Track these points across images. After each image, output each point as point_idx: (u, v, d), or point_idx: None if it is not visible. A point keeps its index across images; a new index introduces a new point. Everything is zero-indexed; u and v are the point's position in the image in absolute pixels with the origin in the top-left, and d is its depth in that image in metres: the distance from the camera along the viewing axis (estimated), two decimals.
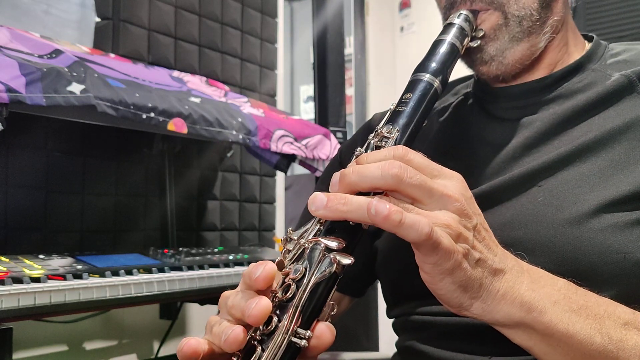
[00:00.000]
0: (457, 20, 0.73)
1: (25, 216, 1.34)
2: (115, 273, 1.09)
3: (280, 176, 2.13)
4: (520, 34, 0.74)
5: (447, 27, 0.73)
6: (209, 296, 1.26)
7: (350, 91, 3.12)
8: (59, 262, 1.09)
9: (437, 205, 0.51)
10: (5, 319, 0.92)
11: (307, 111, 3.76)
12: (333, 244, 0.51)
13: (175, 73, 1.58)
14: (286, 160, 1.56)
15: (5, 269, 0.96)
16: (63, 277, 1.01)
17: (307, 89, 3.73)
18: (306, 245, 0.52)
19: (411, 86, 0.65)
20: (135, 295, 1.10)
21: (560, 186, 0.69)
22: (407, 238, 0.49)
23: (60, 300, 0.98)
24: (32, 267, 1.02)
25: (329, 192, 0.90)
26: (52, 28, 1.46)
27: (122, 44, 1.54)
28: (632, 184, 0.66)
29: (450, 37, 0.71)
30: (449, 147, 0.81)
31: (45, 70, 1.05)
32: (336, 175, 0.52)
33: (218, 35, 1.85)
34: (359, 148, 0.59)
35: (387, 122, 0.61)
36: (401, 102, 0.63)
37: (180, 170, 1.68)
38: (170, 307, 1.66)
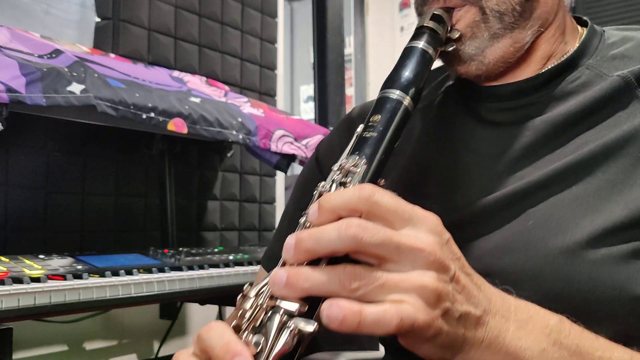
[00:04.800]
0: (429, 23, 0.65)
1: (25, 216, 1.34)
2: (115, 273, 1.09)
3: (280, 176, 2.13)
4: (502, 30, 0.66)
5: (418, 31, 0.65)
6: (209, 296, 1.26)
7: (350, 91, 3.12)
8: (59, 262, 1.09)
9: (408, 262, 0.45)
10: (5, 319, 0.92)
11: (307, 111, 3.77)
12: (293, 307, 0.45)
13: (175, 73, 1.58)
14: (286, 160, 1.56)
15: (5, 269, 0.96)
16: (63, 277, 1.01)
17: (307, 89, 3.73)
18: (264, 307, 0.47)
19: (379, 106, 0.58)
20: (135, 295, 1.10)
21: (553, 209, 0.62)
22: (375, 335, 0.44)
23: (60, 300, 0.98)
24: (32, 267, 1.02)
25: (300, 191, 0.85)
26: (52, 28, 1.46)
27: (122, 44, 1.54)
28: (629, 208, 0.60)
29: (421, 43, 0.63)
30: (434, 154, 0.73)
31: (45, 70, 1.05)
32: (291, 240, 0.46)
33: (218, 35, 1.85)
34: (322, 183, 0.53)
35: (352, 152, 0.55)
36: (368, 126, 0.56)
37: (180, 170, 1.68)
38: (171, 307, 1.66)
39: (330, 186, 0.52)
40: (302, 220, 0.51)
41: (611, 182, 0.62)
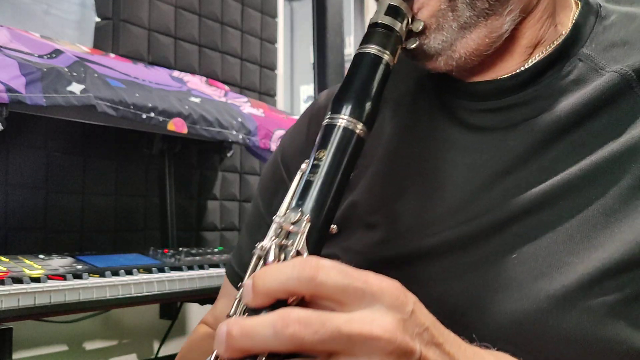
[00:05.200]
0: (384, 19, 0.53)
1: (25, 216, 1.34)
2: (115, 273, 1.09)
3: None
4: (473, 19, 0.55)
5: (370, 30, 0.53)
6: (209, 296, 1.26)
7: None
8: (59, 262, 1.09)
9: (363, 354, 0.37)
10: (5, 319, 0.92)
11: None
12: None
13: (175, 73, 1.58)
14: None
15: (5, 269, 0.96)
16: (63, 277, 1.01)
17: (307, 89, 3.74)
18: None
19: (325, 137, 0.48)
20: (135, 295, 1.10)
21: (541, 241, 0.52)
22: None
23: (60, 300, 0.98)
24: (32, 267, 1.02)
25: (268, 204, 0.73)
26: (52, 28, 1.46)
27: (122, 44, 1.54)
28: (627, 243, 0.50)
29: (374, 48, 0.52)
30: (406, 161, 0.62)
31: (45, 70, 1.05)
32: (222, 331, 0.38)
33: (218, 35, 1.85)
34: (261, 245, 0.44)
35: (295, 199, 0.46)
36: (313, 165, 0.47)
37: (180, 170, 1.68)
38: (170, 307, 1.66)
39: (268, 251, 0.43)
40: (238, 295, 0.44)
41: (607, 208, 0.52)
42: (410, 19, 0.55)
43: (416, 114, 0.64)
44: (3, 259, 1.04)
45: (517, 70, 0.58)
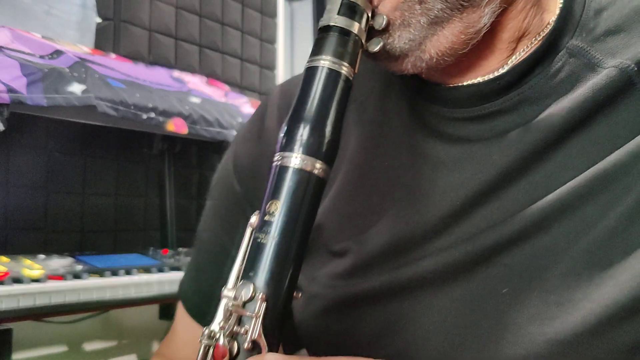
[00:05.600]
0: (337, 20, 0.43)
1: (26, 216, 1.34)
2: (115, 273, 1.09)
3: None
4: (446, 12, 0.45)
5: (322, 35, 0.43)
6: None
7: None
8: (58, 262, 1.09)
9: None
10: (5, 319, 0.92)
11: None
12: None
13: (176, 73, 1.58)
14: None
15: (5, 269, 0.96)
16: (63, 278, 1.01)
17: None
18: None
19: (278, 184, 0.39)
20: (134, 295, 1.10)
21: (534, 273, 0.44)
22: None
23: (60, 300, 0.98)
24: (32, 267, 1.02)
25: (220, 214, 0.64)
26: (53, 29, 1.46)
27: (122, 45, 1.54)
28: (635, 277, 0.42)
29: (327, 60, 0.42)
30: (374, 178, 0.53)
31: (46, 70, 1.05)
32: None
33: (218, 36, 1.85)
34: (208, 330, 0.38)
35: (243, 273, 0.38)
36: (265, 223, 0.39)
37: (180, 171, 1.68)
38: (170, 307, 1.65)
39: (217, 338, 0.37)
40: None
41: (613, 229, 0.44)
42: (370, 15, 0.45)
43: (385, 121, 0.55)
44: (3, 259, 1.04)
45: (499, 71, 0.49)
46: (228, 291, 0.38)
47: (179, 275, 1.18)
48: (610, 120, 0.46)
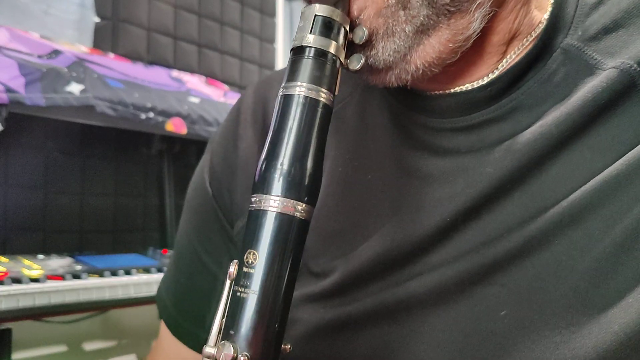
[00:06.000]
0: (313, 40, 0.39)
1: (25, 216, 1.34)
2: (115, 273, 1.09)
3: None
4: (433, 18, 0.41)
5: (296, 59, 0.39)
6: None
7: None
8: (58, 262, 1.09)
9: None
10: (5, 319, 0.92)
11: None
12: None
13: (175, 73, 1.58)
14: None
15: (4, 269, 0.96)
16: (62, 278, 1.01)
17: None
18: None
19: (255, 231, 0.35)
20: (134, 295, 1.10)
21: (535, 296, 0.41)
22: None
23: (60, 300, 0.98)
24: (32, 267, 1.02)
25: (195, 225, 0.60)
26: (52, 28, 1.46)
27: (121, 44, 1.54)
28: None
29: (305, 87, 0.38)
30: (356, 194, 0.49)
31: (44, 70, 1.05)
32: None
33: (217, 35, 1.85)
34: None
35: (224, 331, 0.35)
36: (244, 275, 0.35)
37: (179, 171, 1.68)
38: None
39: None
40: None
41: (617, 246, 0.40)
42: (347, 29, 0.41)
43: (365, 132, 0.51)
44: (2, 259, 1.04)
45: (489, 77, 0.46)
46: (209, 349, 0.35)
47: None
48: (612, 125, 0.43)
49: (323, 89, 0.38)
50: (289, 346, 0.37)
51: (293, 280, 0.36)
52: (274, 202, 0.35)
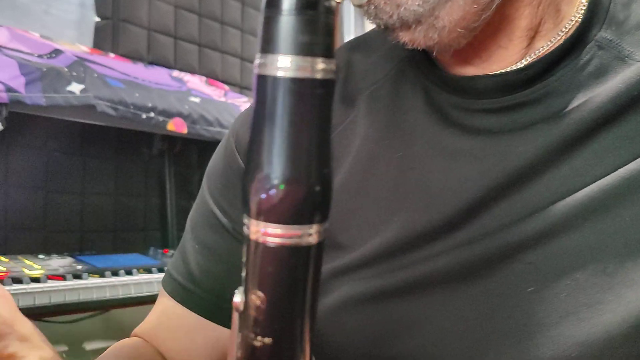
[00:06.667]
0: None
1: (25, 216, 1.34)
2: (115, 273, 1.09)
3: None
4: None
5: (272, 17, 0.29)
6: None
7: None
8: (58, 262, 1.09)
9: None
10: None
11: None
12: None
13: (175, 73, 1.58)
14: None
15: (5, 269, 0.96)
16: (63, 277, 1.01)
17: None
18: None
19: (258, 267, 0.27)
20: (135, 295, 1.10)
21: (562, 274, 0.43)
22: None
23: (60, 300, 0.98)
24: (32, 267, 1.02)
25: (220, 188, 0.59)
26: (52, 28, 1.46)
27: (121, 44, 1.54)
28: None
29: (290, 61, 0.26)
30: (384, 169, 0.51)
31: (44, 70, 1.05)
32: None
33: (218, 35, 1.85)
34: None
35: None
36: (251, 319, 0.29)
37: (180, 170, 1.68)
38: None
39: None
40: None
41: None
42: None
43: (399, 111, 0.52)
44: (3, 259, 1.04)
45: (523, 62, 0.47)
46: None
47: None
48: None
49: (319, 60, 0.26)
50: None
51: (313, 317, 0.29)
52: (275, 231, 0.26)
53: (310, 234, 0.26)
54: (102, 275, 1.07)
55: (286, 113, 0.25)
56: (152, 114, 1.22)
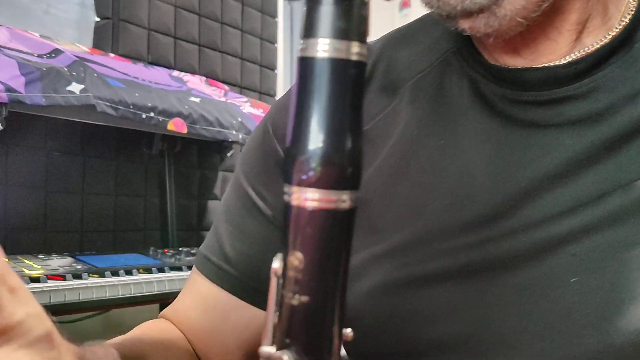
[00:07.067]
0: None
1: (25, 216, 1.34)
2: (115, 273, 1.09)
3: None
4: None
5: (313, 6, 0.30)
6: None
7: None
8: (58, 262, 1.09)
9: None
10: None
11: None
12: None
13: (175, 73, 1.58)
14: None
15: None
16: (63, 277, 1.01)
17: None
18: None
19: (296, 229, 0.31)
20: (135, 295, 1.10)
21: (607, 266, 0.43)
22: None
23: (60, 300, 0.97)
24: (32, 267, 1.02)
25: (255, 170, 0.60)
26: (52, 28, 1.46)
27: (121, 44, 1.54)
28: None
29: (328, 44, 0.30)
30: (425, 155, 0.52)
31: (44, 69, 1.05)
32: None
33: (218, 35, 1.85)
34: None
35: (280, 338, 0.32)
36: (289, 280, 0.31)
37: (180, 170, 1.68)
38: None
39: None
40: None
41: None
42: None
43: (443, 99, 0.53)
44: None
45: (572, 57, 0.48)
46: (266, 349, 0.32)
47: (179, 275, 1.18)
48: None
49: (354, 43, 0.30)
50: (350, 332, 0.34)
51: (344, 281, 0.32)
52: (312, 195, 0.30)
53: (343, 200, 0.30)
54: (102, 275, 1.07)
55: (324, 90, 0.30)
56: (152, 114, 1.22)
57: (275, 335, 0.32)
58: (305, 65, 0.30)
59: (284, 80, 2.32)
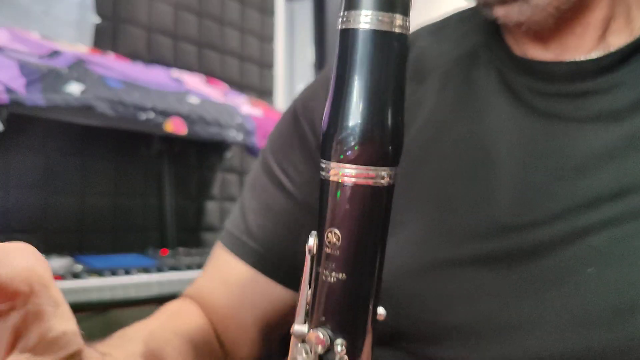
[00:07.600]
0: None
1: (25, 217, 1.34)
2: (114, 273, 1.09)
3: None
4: None
5: None
6: None
7: None
8: (57, 262, 1.09)
9: None
10: None
11: None
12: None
13: (175, 73, 1.58)
14: None
15: None
16: (62, 278, 1.01)
17: None
18: None
19: (333, 205, 0.30)
20: (134, 295, 1.10)
21: (624, 256, 0.44)
22: None
23: None
24: None
25: (280, 147, 0.62)
26: (52, 28, 1.46)
27: (121, 44, 1.54)
28: None
29: (372, 18, 0.29)
30: (450, 142, 0.53)
31: (44, 70, 1.05)
32: None
33: (217, 35, 1.85)
34: None
35: (315, 316, 0.32)
36: (326, 256, 0.31)
37: (179, 171, 1.68)
38: None
39: None
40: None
41: None
42: None
43: (469, 89, 0.54)
44: None
45: (598, 54, 0.50)
46: (298, 330, 0.31)
47: (178, 275, 1.18)
48: None
49: (397, 15, 0.29)
50: (384, 312, 0.34)
51: (381, 259, 0.31)
52: (350, 172, 0.29)
53: (383, 176, 0.30)
54: (101, 276, 1.07)
55: (367, 63, 0.29)
56: (151, 115, 1.22)
57: (309, 314, 0.31)
58: (347, 37, 0.29)
59: (283, 80, 2.32)
